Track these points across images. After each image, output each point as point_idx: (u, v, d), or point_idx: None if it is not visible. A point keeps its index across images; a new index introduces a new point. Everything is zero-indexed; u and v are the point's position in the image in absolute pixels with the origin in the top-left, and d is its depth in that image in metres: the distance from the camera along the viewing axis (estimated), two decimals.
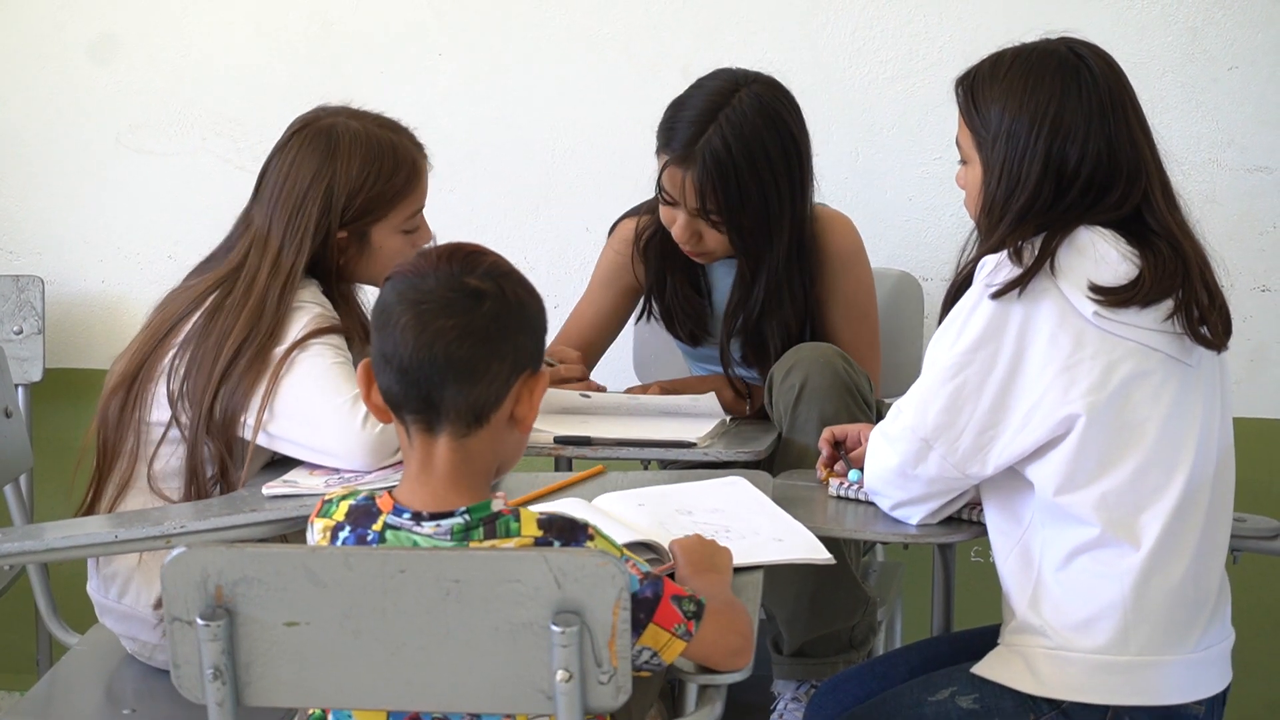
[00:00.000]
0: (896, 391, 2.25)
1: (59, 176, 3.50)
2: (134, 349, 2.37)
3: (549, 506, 2.01)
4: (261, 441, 2.28)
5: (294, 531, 2.11)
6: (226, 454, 2.29)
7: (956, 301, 2.02)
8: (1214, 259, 2.03)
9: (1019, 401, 1.96)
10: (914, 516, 2.11)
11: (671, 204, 2.66)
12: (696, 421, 2.54)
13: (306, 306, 2.34)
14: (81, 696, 2.37)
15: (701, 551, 1.88)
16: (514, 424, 1.72)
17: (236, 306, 2.31)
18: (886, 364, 2.87)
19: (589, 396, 2.62)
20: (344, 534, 1.71)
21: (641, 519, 2.05)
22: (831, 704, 2.19)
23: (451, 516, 1.68)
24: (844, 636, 2.59)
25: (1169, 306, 1.95)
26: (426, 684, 1.61)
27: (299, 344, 2.28)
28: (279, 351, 2.28)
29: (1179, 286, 1.96)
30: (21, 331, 3.35)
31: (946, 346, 2.00)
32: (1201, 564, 1.98)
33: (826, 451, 2.32)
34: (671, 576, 1.83)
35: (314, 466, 2.28)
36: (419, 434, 1.70)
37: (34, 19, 3.46)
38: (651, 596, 1.66)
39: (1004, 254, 1.96)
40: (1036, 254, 1.95)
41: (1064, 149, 1.98)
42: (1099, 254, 1.96)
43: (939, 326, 2.04)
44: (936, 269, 3.19)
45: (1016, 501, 2.02)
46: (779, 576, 2.40)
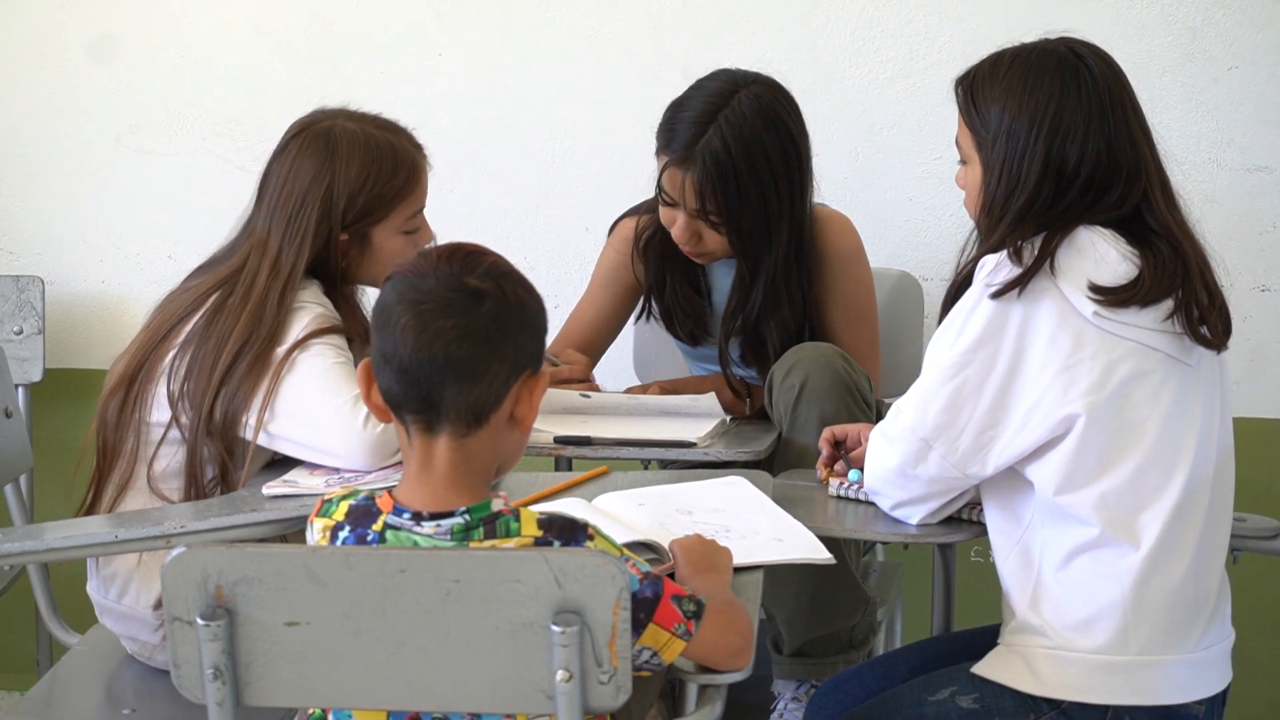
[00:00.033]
0: (896, 391, 2.25)
1: (59, 176, 3.50)
2: (134, 349, 2.37)
3: (549, 506, 2.01)
4: (262, 441, 2.28)
5: (294, 531, 2.11)
6: (226, 455, 2.29)
7: (956, 301, 2.02)
8: (1214, 259, 2.02)
9: (1019, 401, 1.96)
10: (914, 516, 2.11)
11: (671, 205, 2.66)
12: (696, 421, 2.54)
13: (308, 306, 2.34)
14: (81, 696, 2.37)
15: (701, 551, 1.88)
16: (514, 424, 1.72)
17: (237, 308, 2.31)
18: (886, 364, 2.87)
19: (589, 396, 2.62)
20: (344, 534, 1.71)
21: (641, 519, 2.05)
22: (832, 704, 2.19)
23: (451, 516, 1.68)
24: (844, 636, 2.59)
25: (1169, 306, 1.95)
26: (427, 684, 1.61)
27: (300, 344, 2.28)
28: (280, 352, 2.28)
29: (1179, 286, 1.95)
30: (21, 332, 3.35)
31: (946, 346, 2.00)
32: (1201, 564, 1.98)
33: (826, 451, 2.32)
34: (671, 576, 1.83)
35: (314, 466, 2.28)
36: (419, 434, 1.70)
37: (34, 19, 3.45)
38: (651, 596, 1.66)
39: (1004, 254, 1.96)
40: (1036, 254, 1.95)
41: (1064, 149, 1.98)
42: (1099, 254, 1.96)
43: (939, 326, 2.04)
44: (936, 269, 3.19)
45: (1016, 501, 2.02)
46: (779, 576, 2.39)
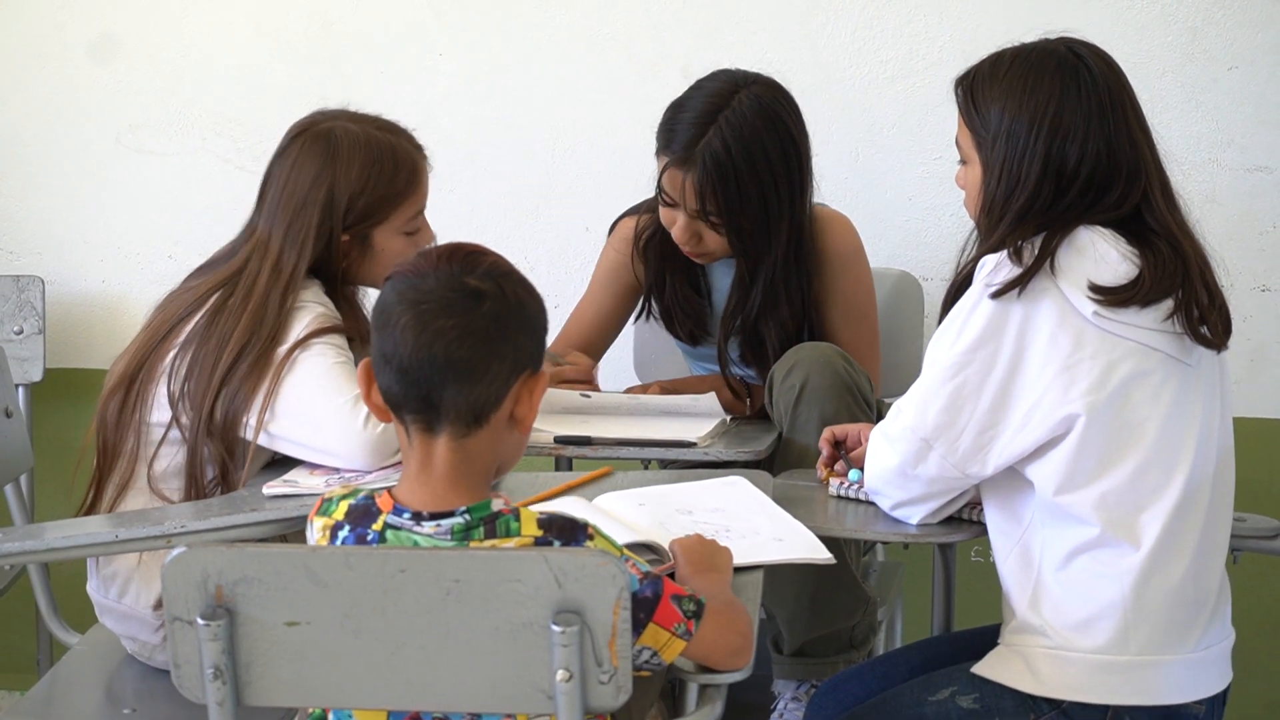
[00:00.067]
0: (897, 391, 2.25)
1: (59, 176, 3.50)
2: (134, 349, 2.37)
3: (549, 506, 2.01)
4: (262, 441, 2.28)
5: (294, 531, 2.11)
6: (227, 455, 2.28)
7: (956, 301, 2.02)
8: (1214, 259, 2.02)
9: (1019, 401, 1.96)
10: (914, 516, 2.11)
11: (671, 205, 2.66)
12: (697, 421, 2.54)
13: (309, 306, 2.33)
14: (82, 696, 2.37)
15: (702, 551, 1.88)
16: (514, 424, 1.72)
17: (238, 309, 2.31)
18: (886, 364, 2.87)
19: (589, 396, 2.62)
20: (343, 533, 1.71)
21: (641, 519, 2.05)
22: (832, 704, 2.19)
23: (451, 516, 1.68)
24: (844, 636, 2.59)
25: (1169, 306, 1.95)
26: (427, 684, 1.61)
27: (301, 343, 2.28)
28: (281, 351, 2.28)
29: (1179, 286, 1.95)
30: (22, 331, 3.35)
31: (946, 346, 2.00)
32: (1201, 564, 1.98)
33: (827, 451, 2.32)
34: (672, 576, 1.83)
35: (314, 466, 2.27)
36: (419, 434, 1.70)
37: (34, 19, 3.46)
38: (651, 596, 1.66)
39: (1004, 254, 1.96)
40: (1036, 254, 1.95)
41: (1063, 149, 1.98)
42: (1099, 254, 1.96)
43: (939, 326, 2.04)
44: (936, 269, 3.19)
45: (1016, 501, 2.02)
46: (779, 576, 2.39)
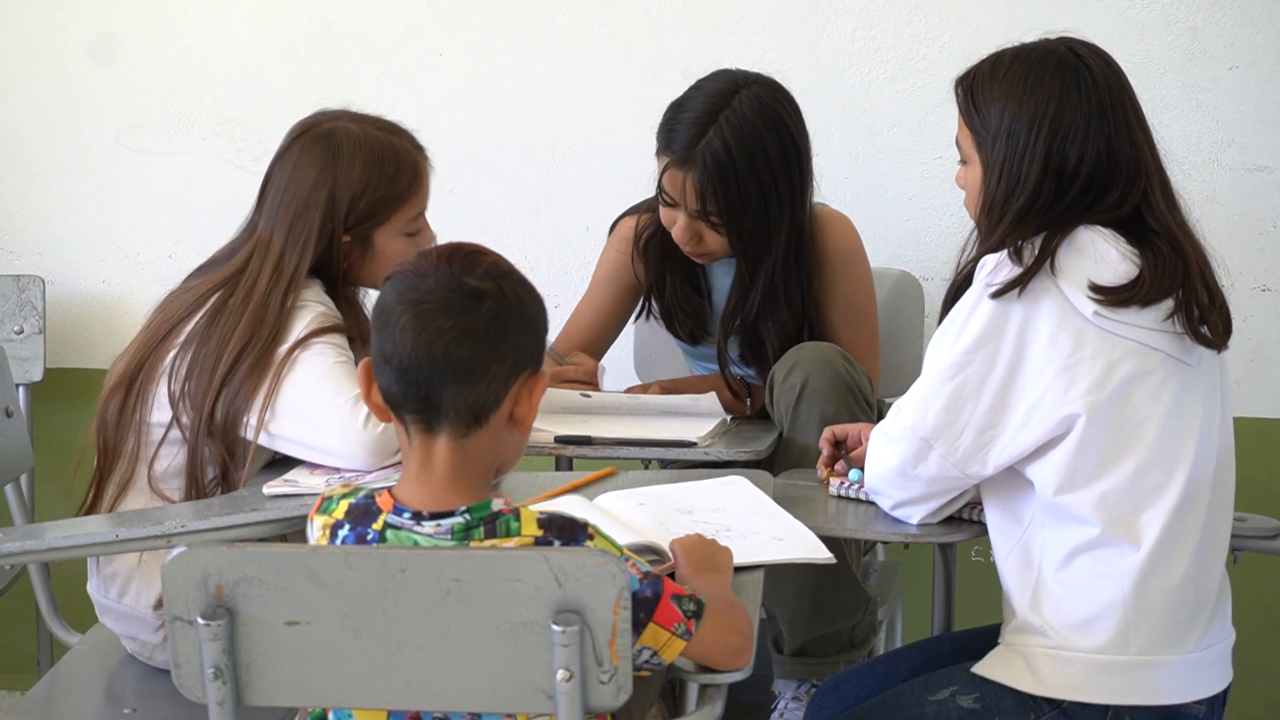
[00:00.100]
0: (897, 391, 2.25)
1: (59, 176, 3.50)
2: (134, 349, 2.37)
3: (549, 505, 2.01)
4: (263, 441, 2.28)
5: (294, 531, 2.11)
6: (227, 455, 2.28)
7: (956, 301, 2.02)
8: (1214, 258, 2.02)
9: (1019, 401, 1.96)
10: (914, 516, 2.11)
11: (672, 205, 2.66)
12: (697, 421, 2.54)
13: (309, 305, 2.33)
14: (82, 696, 2.37)
15: (702, 551, 1.88)
16: (513, 424, 1.72)
17: (238, 309, 2.31)
18: (886, 364, 2.87)
19: (589, 396, 2.62)
20: (343, 532, 1.71)
21: (642, 518, 2.05)
22: (832, 703, 2.19)
23: (452, 516, 1.68)
24: (845, 636, 2.59)
25: (1169, 306, 1.95)
26: (427, 683, 1.61)
27: (301, 343, 2.28)
28: (282, 351, 2.28)
29: (1179, 286, 1.95)
30: (22, 331, 3.35)
31: (946, 346, 2.00)
32: (1202, 564, 1.98)
33: (827, 451, 2.32)
34: (672, 576, 1.83)
35: (314, 466, 2.27)
36: (418, 434, 1.70)
37: (34, 19, 3.45)
38: (651, 596, 1.66)
39: (1004, 254, 1.96)
40: (1036, 253, 1.95)
41: (1063, 148, 1.98)
42: (1099, 253, 1.96)
43: (939, 326, 2.04)
44: (936, 269, 3.19)
45: (1017, 501, 2.02)
46: (780, 576, 2.39)
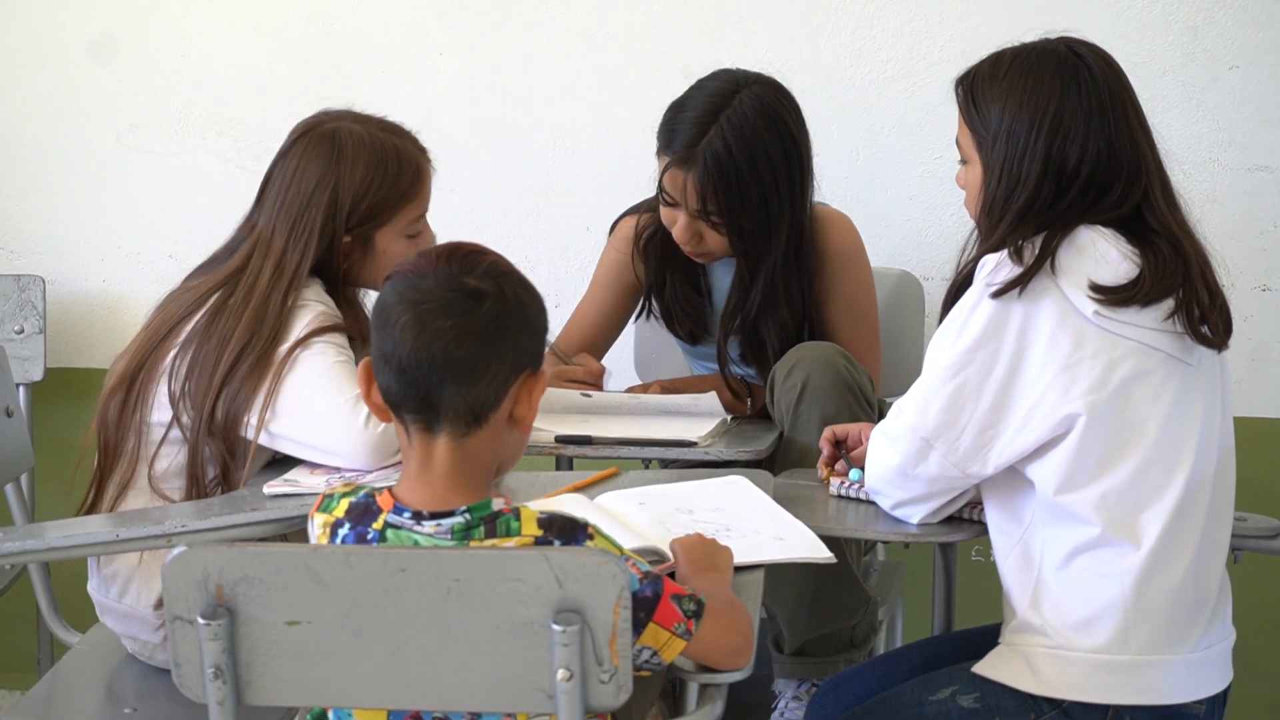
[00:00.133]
0: (897, 391, 2.25)
1: (59, 176, 3.50)
2: (134, 349, 2.36)
3: (549, 503, 2.00)
4: (263, 441, 2.28)
5: (295, 531, 2.11)
6: (228, 455, 2.28)
7: (957, 301, 2.02)
8: (1214, 258, 2.02)
9: (1019, 401, 1.96)
10: (915, 516, 2.11)
11: (672, 205, 2.66)
12: (697, 421, 2.54)
13: (310, 305, 2.33)
14: (82, 696, 2.37)
15: (702, 550, 1.88)
16: (513, 424, 1.72)
17: (238, 309, 2.31)
18: (887, 363, 2.87)
19: (590, 396, 2.62)
20: (344, 531, 1.71)
21: (642, 518, 2.05)
22: (832, 703, 2.19)
23: (452, 516, 1.68)
24: (845, 635, 2.59)
25: (1169, 306, 1.95)
26: (427, 683, 1.61)
27: (301, 342, 2.28)
28: (282, 350, 2.28)
29: (1179, 286, 1.95)
30: (23, 331, 3.35)
31: (947, 346, 2.00)
32: (1202, 563, 1.98)
33: (827, 451, 2.32)
34: (672, 575, 1.83)
35: (315, 465, 2.27)
36: (418, 434, 1.70)
37: (34, 19, 3.45)
38: (651, 595, 1.66)
39: (1004, 253, 1.96)
40: (1037, 253, 1.95)
41: (1064, 148, 1.98)
42: (1099, 253, 1.96)
43: (939, 326, 2.04)
44: (937, 268, 3.19)
45: (1017, 501, 2.02)
46: (780, 575, 2.39)
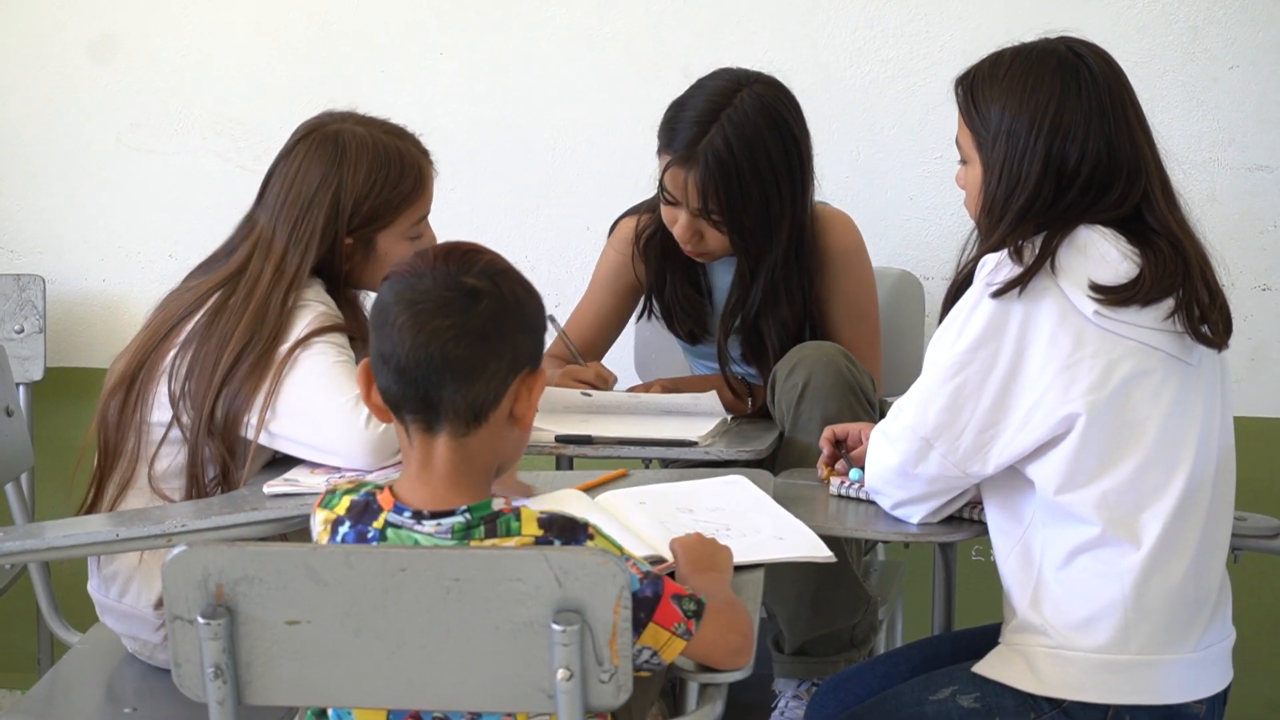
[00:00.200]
0: (897, 390, 2.25)
1: (59, 176, 3.50)
2: (134, 349, 2.36)
3: (549, 503, 2.00)
4: (264, 441, 2.28)
5: (295, 530, 2.11)
6: (228, 454, 2.28)
7: (957, 300, 2.02)
8: (1214, 258, 2.02)
9: (1019, 400, 1.96)
10: (915, 515, 2.11)
11: (673, 204, 2.66)
12: (698, 420, 2.54)
13: (310, 305, 2.33)
14: (82, 695, 2.37)
15: (702, 550, 1.88)
16: (513, 423, 1.72)
17: (239, 309, 2.31)
18: (887, 363, 2.87)
19: (590, 395, 2.62)
20: (344, 529, 1.71)
21: (642, 517, 2.05)
22: (833, 702, 2.19)
23: (452, 515, 1.68)
24: (845, 635, 2.59)
25: (1169, 305, 1.95)
26: (427, 682, 1.61)
27: (302, 342, 2.28)
28: (282, 350, 2.28)
29: (1179, 285, 1.95)
30: (23, 330, 3.35)
31: (947, 345, 2.00)
32: (1202, 563, 1.98)
33: (828, 450, 2.32)
34: (672, 575, 1.83)
35: (315, 465, 2.27)
36: (418, 433, 1.70)
37: (34, 19, 3.45)
38: (652, 595, 1.66)
39: (1004, 253, 1.96)
40: (1037, 253, 1.95)
41: (1064, 148, 1.98)
42: (1099, 253, 1.96)
43: (939, 325, 2.04)
44: (937, 268, 3.19)
45: (1017, 500, 2.02)
46: (780, 575, 2.39)
